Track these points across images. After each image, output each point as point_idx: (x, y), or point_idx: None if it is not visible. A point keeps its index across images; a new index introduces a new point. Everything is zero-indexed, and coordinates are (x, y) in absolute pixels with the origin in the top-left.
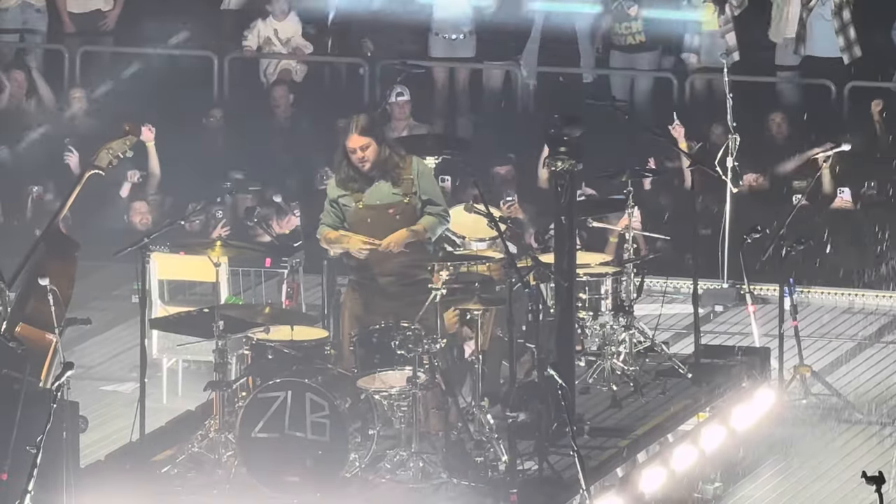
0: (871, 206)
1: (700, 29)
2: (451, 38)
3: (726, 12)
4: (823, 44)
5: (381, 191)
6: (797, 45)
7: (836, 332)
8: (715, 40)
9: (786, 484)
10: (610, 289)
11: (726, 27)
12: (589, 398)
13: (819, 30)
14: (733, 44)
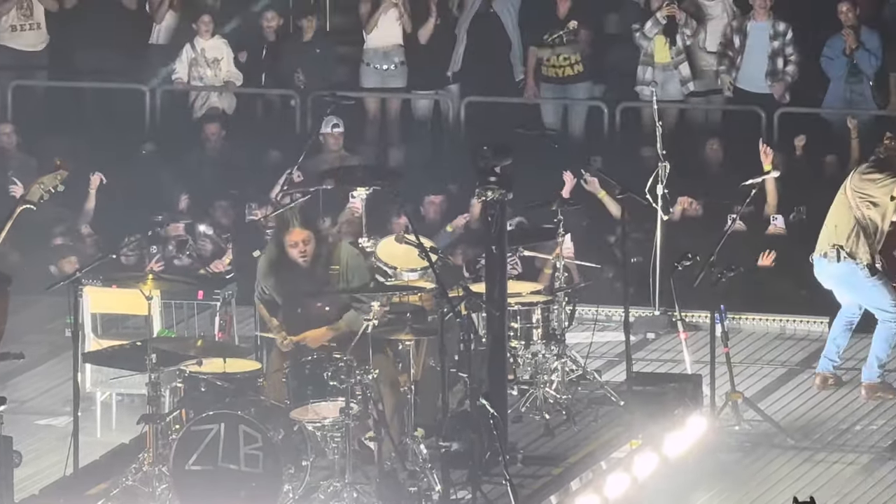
0: (801, 232)
1: (653, 62)
2: (383, 69)
3: (678, 43)
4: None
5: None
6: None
7: (768, 358)
8: (667, 71)
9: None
10: (541, 318)
11: (679, 58)
12: (521, 427)
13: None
14: (687, 73)
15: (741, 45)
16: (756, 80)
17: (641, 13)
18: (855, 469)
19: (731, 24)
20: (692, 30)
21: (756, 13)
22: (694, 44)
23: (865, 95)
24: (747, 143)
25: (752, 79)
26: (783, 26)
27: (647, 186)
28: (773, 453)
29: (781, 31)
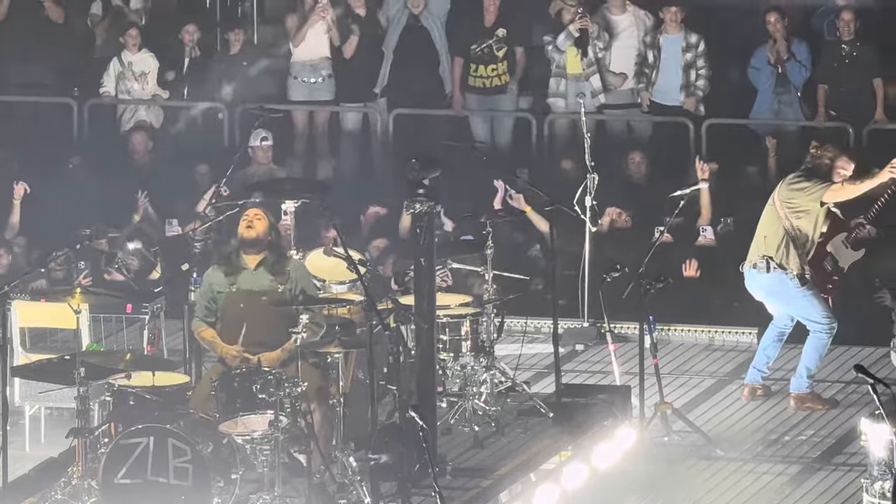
0: (729, 243)
1: (566, 73)
2: (310, 82)
3: (589, 55)
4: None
5: (257, 278)
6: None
7: (697, 369)
8: (580, 83)
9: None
10: (470, 330)
11: (590, 69)
12: (451, 439)
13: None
14: (598, 86)
15: (655, 59)
16: (672, 94)
17: (553, 24)
18: (784, 480)
19: (644, 39)
20: (604, 42)
21: (667, 26)
22: (605, 57)
23: (794, 107)
24: (674, 154)
25: (669, 92)
26: (695, 38)
27: (576, 198)
28: (702, 464)
29: (694, 43)
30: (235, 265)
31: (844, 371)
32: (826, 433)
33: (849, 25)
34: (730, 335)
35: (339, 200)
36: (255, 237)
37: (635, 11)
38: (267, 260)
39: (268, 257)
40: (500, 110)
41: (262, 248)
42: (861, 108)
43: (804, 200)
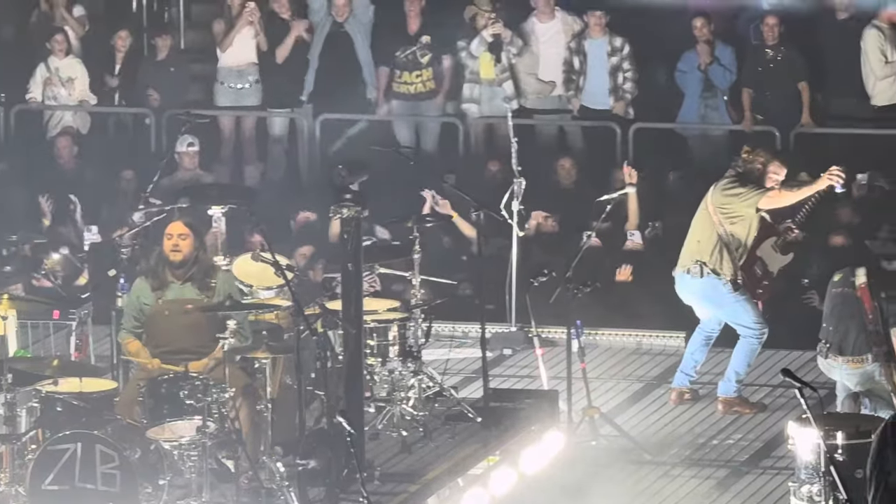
0: (657, 247)
1: (479, 79)
2: (237, 88)
3: (503, 61)
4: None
5: (184, 292)
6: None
7: (624, 373)
8: (493, 89)
9: None
10: (398, 335)
11: (503, 76)
12: (379, 444)
13: (593, 80)
14: (511, 91)
15: (582, 65)
16: (600, 98)
17: (467, 29)
18: (711, 484)
19: (570, 44)
20: (518, 48)
21: (591, 30)
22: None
23: (720, 110)
24: (602, 159)
25: (597, 96)
26: (620, 41)
27: (503, 203)
28: (630, 468)
29: (618, 47)
30: (162, 279)
31: (772, 375)
32: (754, 437)
33: (773, 30)
34: (657, 339)
35: (267, 206)
36: (181, 260)
37: (564, 18)
38: (194, 276)
39: (195, 274)
40: (426, 115)
41: (189, 268)
42: (787, 111)
43: (739, 206)
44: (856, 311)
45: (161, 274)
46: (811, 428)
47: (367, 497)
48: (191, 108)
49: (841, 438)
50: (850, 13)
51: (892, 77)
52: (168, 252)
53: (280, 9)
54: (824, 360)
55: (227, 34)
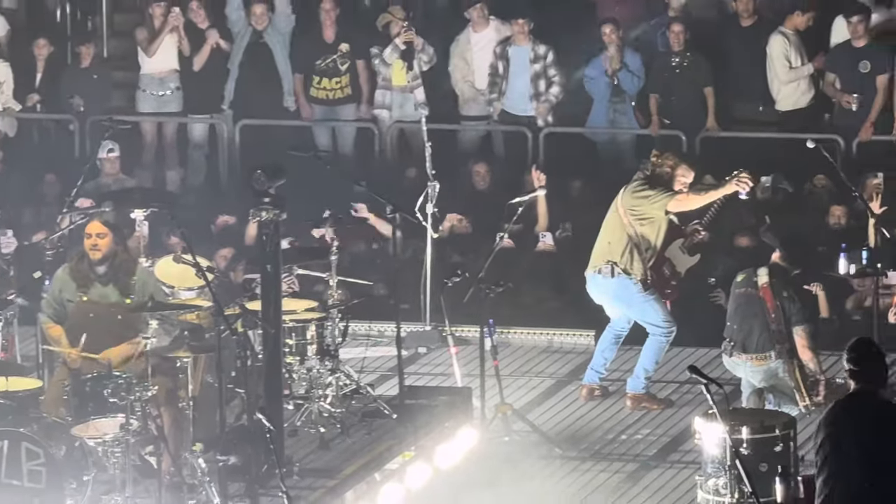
0: (567, 248)
1: (391, 86)
2: (159, 95)
3: (415, 68)
4: (518, 99)
5: (106, 290)
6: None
7: (536, 370)
8: (405, 95)
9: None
10: (316, 334)
11: (415, 83)
12: (297, 440)
13: (515, 85)
14: (422, 99)
15: (505, 70)
16: (521, 104)
17: (380, 37)
18: (621, 477)
19: (495, 50)
20: (429, 56)
21: (515, 38)
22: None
23: (628, 115)
24: (514, 162)
25: (518, 102)
26: (543, 49)
27: (418, 205)
28: (542, 463)
29: (542, 54)
30: (86, 277)
31: (679, 372)
32: (661, 432)
33: (679, 37)
34: (568, 337)
35: (188, 209)
36: (101, 257)
37: (497, 26)
38: (117, 277)
39: (117, 275)
40: (343, 120)
41: (110, 264)
42: (693, 116)
43: (649, 208)
44: (759, 311)
45: (85, 271)
46: (717, 423)
47: (286, 492)
48: (113, 115)
49: (746, 433)
50: (754, 20)
51: (796, 82)
52: (88, 250)
53: (197, 18)
54: (729, 358)
55: (152, 40)
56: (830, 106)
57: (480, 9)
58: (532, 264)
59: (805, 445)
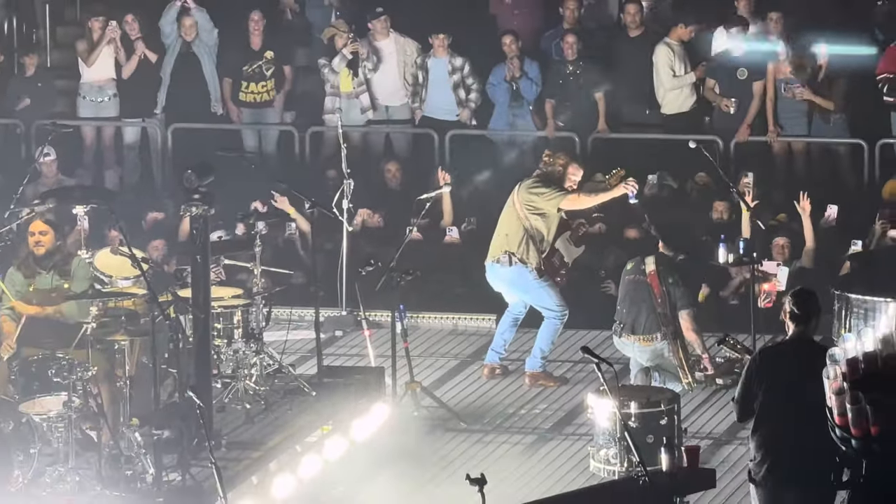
0: (472, 240)
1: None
2: (97, 101)
3: (360, 75)
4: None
5: (50, 279)
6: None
7: (442, 351)
8: (351, 101)
9: (402, 488)
10: (241, 319)
11: (360, 88)
12: (225, 416)
13: (434, 94)
14: (367, 103)
15: (424, 80)
16: (439, 109)
17: (325, 49)
18: (520, 449)
19: (416, 61)
20: (373, 64)
21: (435, 51)
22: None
23: (527, 119)
24: (423, 162)
25: (437, 108)
26: (460, 61)
27: (334, 201)
28: (449, 436)
29: (459, 66)
30: (32, 269)
31: (573, 352)
32: (557, 407)
33: (572, 47)
34: (471, 321)
35: (124, 205)
36: (45, 253)
37: (397, 38)
38: (56, 265)
39: (57, 263)
40: (267, 123)
41: (52, 258)
42: (585, 119)
43: (543, 204)
44: (646, 296)
45: (31, 265)
46: (608, 399)
47: (214, 463)
48: (56, 119)
49: (634, 408)
50: (640, 31)
51: (679, 89)
52: (32, 247)
53: (131, 31)
54: (619, 339)
55: (91, 51)
56: (710, 109)
57: (384, 21)
58: (439, 255)
59: (689, 419)
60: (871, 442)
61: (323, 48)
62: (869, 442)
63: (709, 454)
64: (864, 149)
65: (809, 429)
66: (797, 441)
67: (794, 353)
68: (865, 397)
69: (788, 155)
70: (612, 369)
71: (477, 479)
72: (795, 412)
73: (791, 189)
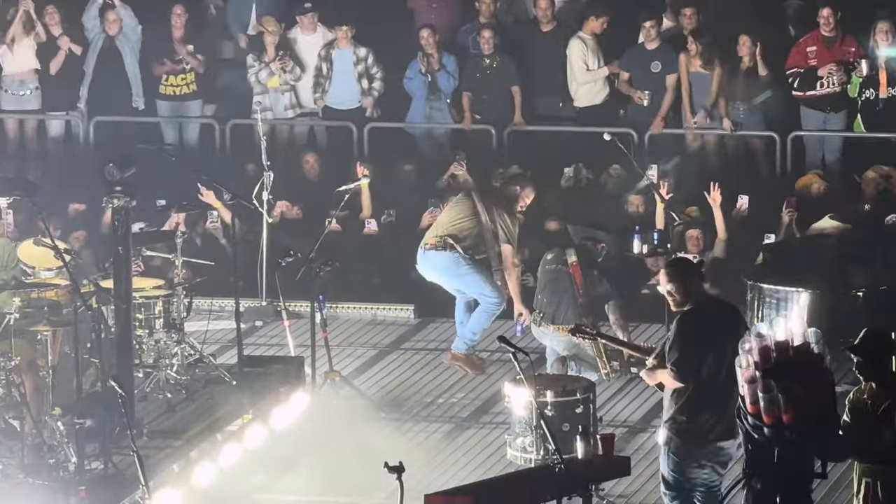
0: (390, 232)
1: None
2: (20, 94)
3: (286, 75)
4: (342, 96)
5: None
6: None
7: (361, 341)
8: (279, 97)
9: (321, 476)
10: (163, 309)
11: (284, 87)
12: (147, 405)
13: (338, 85)
14: (291, 101)
15: (329, 71)
16: (345, 100)
17: (253, 44)
18: (438, 437)
19: (320, 53)
20: (295, 76)
21: (339, 42)
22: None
23: (444, 112)
24: (342, 154)
25: (342, 99)
26: (364, 51)
27: (254, 193)
28: (368, 424)
29: (363, 56)
30: None
31: (490, 341)
32: (475, 396)
33: (489, 42)
34: (389, 311)
35: (47, 197)
36: None
37: (325, 33)
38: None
39: None
40: (188, 117)
41: None
42: (501, 112)
43: (504, 224)
44: (568, 286)
45: None
46: (524, 387)
47: (136, 451)
48: None
49: (550, 396)
50: (553, 26)
51: (592, 82)
52: None
53: (51, 23)
54: (537, 328)
55: (9, 43)
56: (625, 102)
57: (311, 16)
58: (358, 246)
59: (604, 407)
60: (784, 430)
61: (249, 44)
62: (781, 430)
63: (623, 442)
64: (776, 141)
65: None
66: (730, 396)
67: (717, 311)
68: (777, 386)
69: (702, 148)
70: (529, 358)
71: (395, 466)
72: (727, 368)
73: (705, 181)
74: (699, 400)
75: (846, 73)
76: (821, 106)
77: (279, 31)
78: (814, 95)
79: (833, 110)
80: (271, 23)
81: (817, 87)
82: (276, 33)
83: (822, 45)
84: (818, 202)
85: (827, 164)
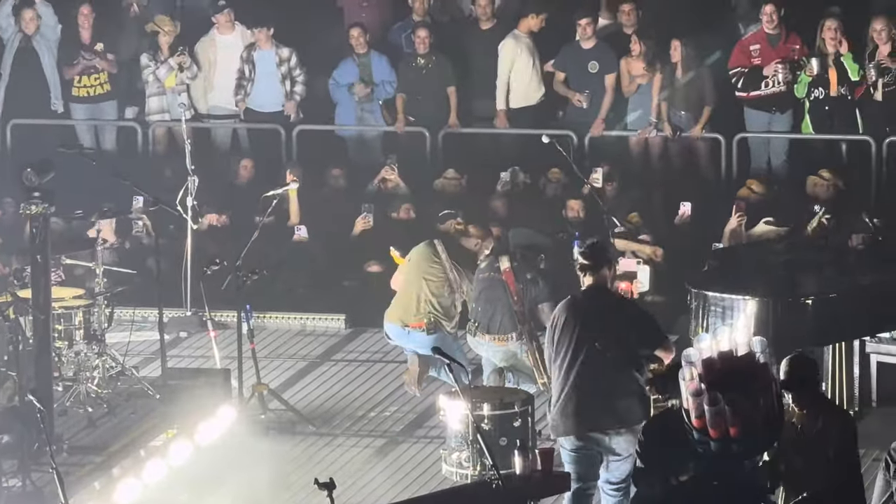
0: (320, 239)
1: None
2: None
3: (184, 74)
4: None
5: None
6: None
7: (290, 352)
8: (176, 97)
9: (249, 493)
10: (83, 319)
11: (180, 87)
12: (67, 419)
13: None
14: (187, 101)
15: (251, 73)
16: (267, 103)
17: (150, 43)
18: (370, 452)
19: (242, 55)
20: (193, 74)
21: (260, 43)
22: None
23: (376, 114)
24: (269, 158)
25: (264, 102)
26: (287, 52)
27: (178, 199)
28: (297, 439)
29: (286, 57)
30: None
31: None
32: (408, 409)
33: (424, 41)
34: (319, 322)
35: None
36: None
37: (243, 32)
38: None
39: None
40: (107, 119)
41: None
42: (436, 114)
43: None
44: (501, 294)
45: None
46: (459, 400)
47: (56, 468)
48: None
49: (487, 409)
50: (492, 24)
51: (528, 81)
52: None
53: None
54: (472, 338)
55: None
56: (564, 103)
57: (227, 14)
58: (287, 254)
59: (543, 420)
60: (731, 443)
61: (129, 37)
62: (728, 443)
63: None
64: (721, 143)
65: (609, 374)
66: (602, 386)
67: (590, 301)
68: (724, 398)
69: (645, 150)
70: (465, 369)
71: (326, 483)
72: (595, 358)
73: (648, 185)
74: (565, 389)
75: (791, 72)
76: (766, 106)
77: (175, 31)
78: (759, 95)
79: (779, 110)
80: (166, 22)
81: (762, 87)
82: (171, 33)
83: (766, 42)
84: (760, 207)
85: (773, 168)
